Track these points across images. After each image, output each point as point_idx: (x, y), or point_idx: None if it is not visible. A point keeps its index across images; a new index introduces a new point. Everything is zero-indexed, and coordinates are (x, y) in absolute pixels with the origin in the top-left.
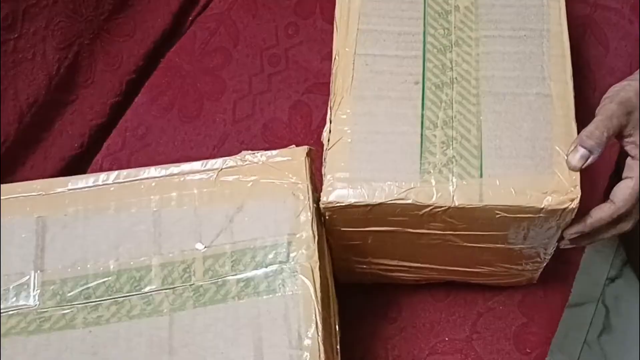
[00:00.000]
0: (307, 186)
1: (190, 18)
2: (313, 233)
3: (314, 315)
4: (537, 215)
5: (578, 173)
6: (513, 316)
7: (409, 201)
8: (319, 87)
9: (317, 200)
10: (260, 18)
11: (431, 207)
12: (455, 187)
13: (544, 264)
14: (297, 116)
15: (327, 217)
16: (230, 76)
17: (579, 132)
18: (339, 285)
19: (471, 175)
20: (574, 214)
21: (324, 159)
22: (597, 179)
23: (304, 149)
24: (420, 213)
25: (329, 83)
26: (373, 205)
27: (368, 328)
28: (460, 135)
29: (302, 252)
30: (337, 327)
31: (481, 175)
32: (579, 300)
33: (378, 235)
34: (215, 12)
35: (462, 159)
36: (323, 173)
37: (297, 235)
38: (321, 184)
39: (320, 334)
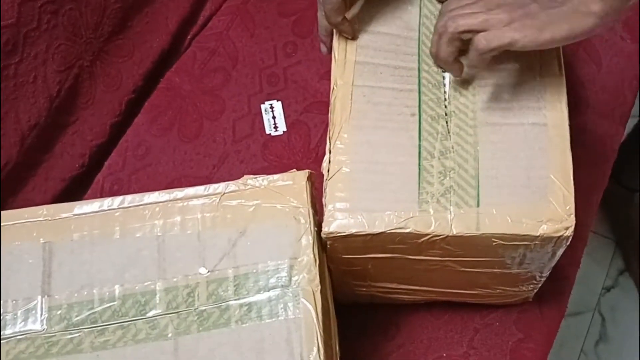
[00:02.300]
0: (308, 210)
1: (189, 37)
2: (314, 257)
3: (315, 338)
4: (532, 243)
5: (572, 202)
6: (509, 332)
7: (408, 230)
8: (317, 106)
9: (318, 224)
10: (258, 37)
11: (430, 236)
12: (453, 216)
13: (540, 285)
14: (295, 135)
15: (328, 245)
16: (229, 96)
17: (573, 159)
18: (337, 304)
19: (468, 205)
20: (569, 241)
21: (325, 189)
22: (591, 193)
23: (304, 173)
24: (419, 241)
25: (327, 102)
26: (373, 235)
27: (367, 346)
28: (457, 165)
29: (304, 276)
30: (337, 347)
31: (478, 205)
32: (575, 310)
33: (378, 262)
34: (214, 31)
35: (459, 188)
36: (324, 203)
37: (299, 259)
38: (321, 207)
39: (322, 356)
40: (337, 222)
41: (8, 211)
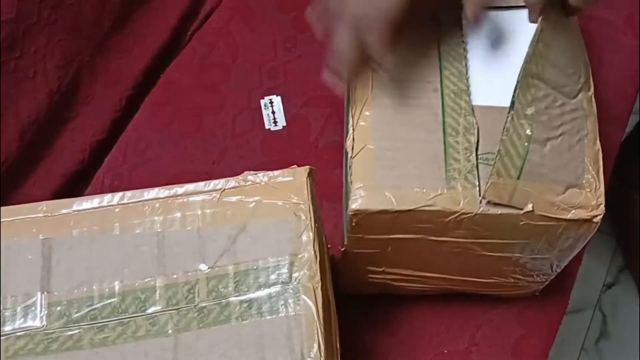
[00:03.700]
0: (309, 206)
1: (189, 33)
2: (315, 253)
3: (316, 335)
4: (559, 224)
5: (603, 192)
6: (511, 328)
7: (437, 208)
8: (317, 101)
9: (318, 220)
10: (258, 32)
11: (458, 214)
12: (484, 189)
13: (551, 278)
14: (295, 130)
15: (353, 224)
16: (229, 91)
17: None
18: (338, 298)
19: (509, 175)
20: (595, 229)
21: (349, 166)
22: None
23: (305, 169)
24: (447, 220)
25: (326, 96)
26: (400, 212)
27: (367, 341)
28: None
29: (305, 273)
30: (337, 343)
31: (519, 177)
32: (576, 307)
33: (399, 243)
34: (214, 26)
35: (506, 154)
36: (350, 181)
37: (299, 256)
38: (322, 202)
39: (322, 353)
40: (364, 200)
41: (7, 207)
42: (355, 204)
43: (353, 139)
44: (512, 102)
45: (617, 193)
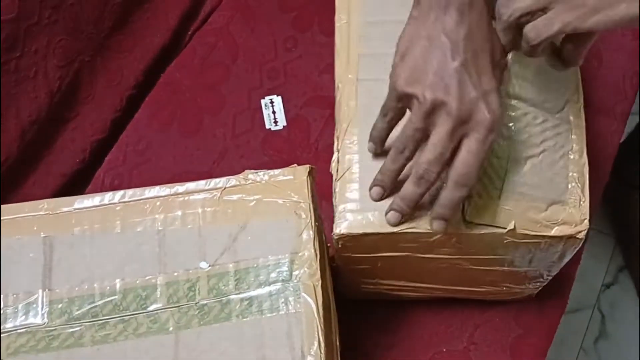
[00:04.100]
0: (309, 205)
1: (190, 33)
2: (315, 251)
3: (316, 333)
4: (544, 241)
5: (587, 207)
6: (509, 328)
7: (420, 230)
8: (317, 101)
9: (318, 218)
10: (258, 32)
11: (442, 234)
12: (467, 209)
13: (545, 283)
14: (295, 130)
15: (339, 245)
16: (229, 91)
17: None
18: (338, 299)
19: (490, 195)
20: (579, 245)
21: (334, 189)
22: (592, 189)
23: (305, 168)
24: (431, 240)
25: (326, 96)
26: (385, 235)
27: (367, 341)
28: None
29: (305, 271)
30: (337, 342)
31: (499, 197)
32: (574, 307)
33: (387, 260)
34: (214, 26)
35: (484, 176)
36: (334, 204)
37: (300, 254)
38: (324, 201)
39: (322, 351)
40: (348, 223)
41: (8, 205)
42: (339, 228)
43: (337, 161)
44: None
45: (617, 193)
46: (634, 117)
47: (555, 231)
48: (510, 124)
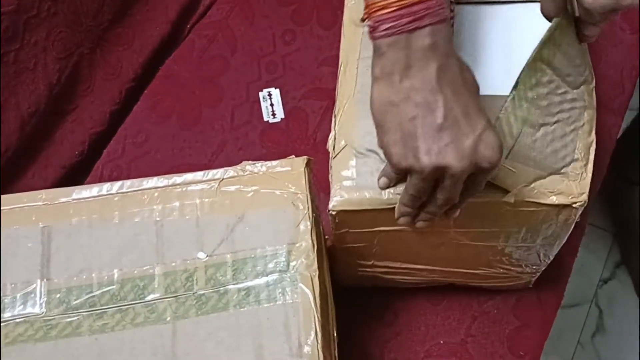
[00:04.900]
0: (307, 196)
1: (189, 26)
2: (312, 242)
3: (313, 323)
4: (539, 209)
5: (588, 184)
6: (507, 320)
7: None
8: (315, 93)
9: (316, 209)
10: (257, 26)
11: None
12: None
13: (542, 268)
14: (293, 122)
15: (336, 221)
16: (228, 83)
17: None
18: (336, 290)
19: None
20: (577, 216)
21: (330, 166)
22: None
23: (303, 160)
24: None
25: (324, 88)
26: (380, 210)
27: (365, 332)
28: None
29: (302, 261)
30: (335, 333)
31: (507, 157)
32: (572, 302)
33: (385, 236)
34: (213, 20)
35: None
36: (330, 180)
37: (297, 245)
38: (321, 191)
39: (319, 341)
40: (344, 199)
41: (7, 195)
42: (334, 204)
43: (334, 138)
44: (516, 83)
45: (615, 189)
46: (632, 112)
47: (550, 200)
48: (535, 87)
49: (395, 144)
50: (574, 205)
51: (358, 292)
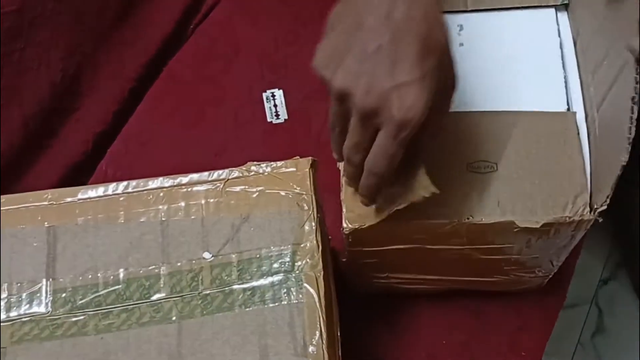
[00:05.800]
0: (312, 197)
1: (192, 26)
2: (317, 243)
3: (318, 323)
4: (553, 228)
5: (588, 195)
6: (509, 320)
7: (430, 221)
8: (318, 94)
9: (320, 210)
10: (260, 26)
11: (451, 225)
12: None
13: (555, 271)
14: (297, 123)
15: (350, 240)
16: (231, 84)
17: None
18: (339, 291)
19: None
20: (588, 226)
21: (342, 184)
22: None
23: (308, 160)
24: (441, 230)
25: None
26: (394, 227)
27: (368, 333)
28: None
29: (307, 262)
30: (339, 334)
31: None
32: (572, 302)
33: (397, 253)
34: (216, 20)
35: None
36: (342, 199)
37: (302, 245)
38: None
39: (324, 341)
40: (357, 217)
41: (12, 195)
42: (348, 222)
43: None
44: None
45: (616, 190)
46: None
47: (554, 219)
48: None
49: (327, 49)
50: (584, 219)
51: (361, 293)
